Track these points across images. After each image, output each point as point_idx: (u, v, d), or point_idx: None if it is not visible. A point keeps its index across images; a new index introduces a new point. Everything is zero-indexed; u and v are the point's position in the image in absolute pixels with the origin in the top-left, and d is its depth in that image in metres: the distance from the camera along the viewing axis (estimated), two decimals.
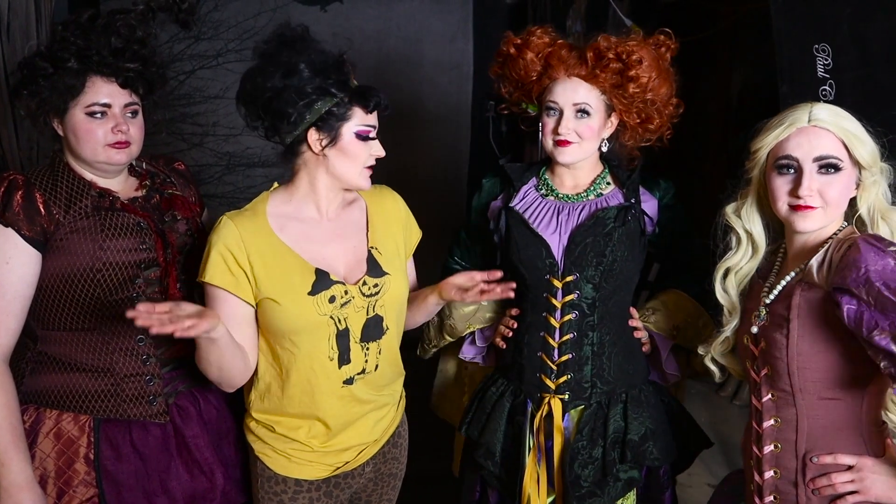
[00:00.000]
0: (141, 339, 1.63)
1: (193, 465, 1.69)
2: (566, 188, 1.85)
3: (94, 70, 1.58)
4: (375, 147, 1.61)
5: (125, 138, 1.60)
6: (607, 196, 1.82)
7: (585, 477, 1.75)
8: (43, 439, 1.60)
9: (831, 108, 1.38)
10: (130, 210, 1.64)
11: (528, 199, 1.87)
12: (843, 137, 1.35)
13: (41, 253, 1.56)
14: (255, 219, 1.58)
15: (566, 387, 1.78)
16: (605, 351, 1.78)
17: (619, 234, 1.75)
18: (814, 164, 1.35)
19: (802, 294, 1.35)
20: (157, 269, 1.64)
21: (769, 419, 1.42)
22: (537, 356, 1.80)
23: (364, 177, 1.61)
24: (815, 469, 1.37)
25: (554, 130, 1.76)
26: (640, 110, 1.78)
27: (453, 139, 4.44)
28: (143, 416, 1.64)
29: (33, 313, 1.62)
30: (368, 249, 1.65)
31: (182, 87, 4.07)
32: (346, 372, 1.59)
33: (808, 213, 1.36)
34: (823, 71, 1.73)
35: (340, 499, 1.70)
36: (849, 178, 1.37)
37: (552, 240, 1.78)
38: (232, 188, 4.27)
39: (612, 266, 1.75)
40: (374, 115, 1.59)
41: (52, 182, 1.60)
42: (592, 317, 1.77)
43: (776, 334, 1.38)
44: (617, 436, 1.77)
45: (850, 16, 1.68)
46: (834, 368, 1.34)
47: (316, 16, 4.15)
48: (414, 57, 4.24)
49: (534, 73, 1.80)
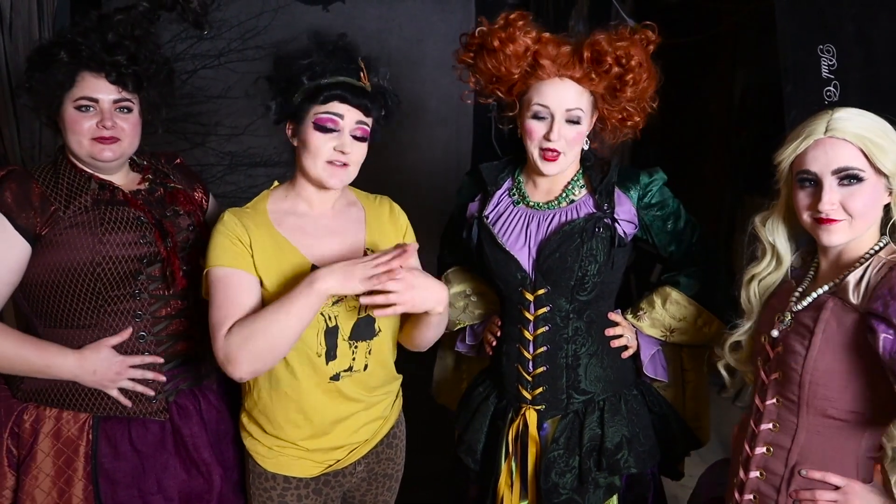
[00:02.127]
0: (142, 336, 1.63)
1: (191, 465, 1.69)
2: (539, 194, 1.78)
3: (84, 65, 1.59)
4: (343, 140, 1.54)
5: (110, 134, 1.60)
6: (578, 203, 1.73)
7: (564, 484, 1.72)
8: (44, 439, 1.60)
9: (852, 114, 1.33)
10: (132, 202, 1.64)
11: (501, 206, 1.81)
12: (862, 146, 1.30)
13: (30, 245, 1.56)
14: (256, 215, 1.60)
15: (542, 398, 1.76)
16: (580, 363, 1.75)
17: (587, 247, 1.67)
18: (833, 176, 1.31)
19: (833, 310, 1.32)
20: (159, 265, 1.64)
21: (768, 422, 1.41)
22: (514, 367, 1.78)
23: (328, 172, 1.56)
24: (802, 482, 1.37)
25: (545, 137, 1.65)
26: (624, 109, 1.71)
27: (455, 139, 4.42)
28: (143, 413, 1.64)
29: (34, 310, 1.62)
30: (365, 251, 1.65)
31: (184, 87, 4.07)
32: (332, 368, 1.60)
33: (832, 226, 1.32)
34: (828, 71, 1.73)
35: (331, 496, 1.70)
36: (873, 188, 1.32)
37: (521, 254, 1.73)
38: (234, 188, 4.26)
39: (584, 280, 1.69)
40: (341, 106, 1.53)
41: (53, 177, 1.61)
42: (566, 329, 1.73)
43: (796, 343, 1.36)
44: (593, 444, 1.74)
45: (854, 16, 1.68)
46: (849, 392, 1.31)
47: (318, 15, 4.14)
48: (416, 57, 4.23)
49: (516, 71, 1.65)
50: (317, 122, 1.54)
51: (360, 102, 1.55)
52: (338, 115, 1.54)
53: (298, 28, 4.10)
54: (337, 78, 1.55)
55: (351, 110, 1.55)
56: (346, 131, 1.56)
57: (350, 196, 1.73)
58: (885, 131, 1.32)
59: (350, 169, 1.58)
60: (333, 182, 1.57)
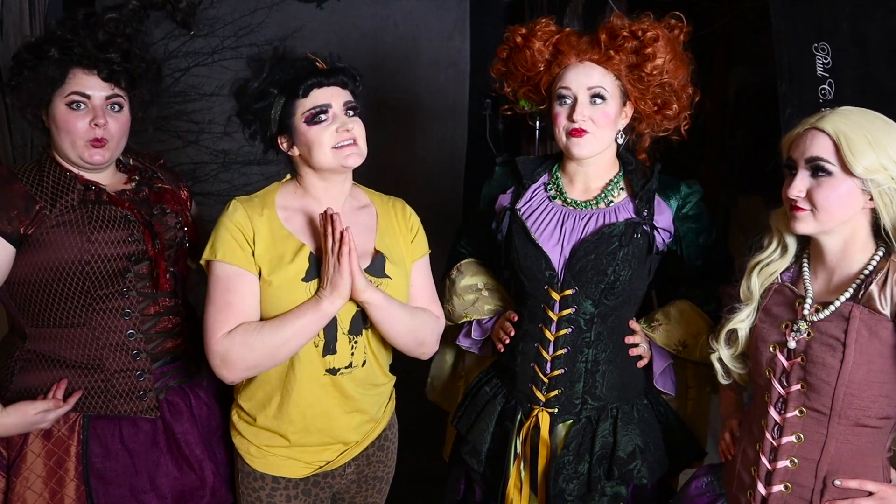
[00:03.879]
0: (131, 333, 1.62)
1: (183, 462, 1.69)
2: (576, 192, 1.76)
3: (76, 62, 1.58)
4: (340, 121, 1.55)
5: (102, 135, 1.59)
6: (618, 206, 1.72)
7: (570, 491, 1.70)
8: (34, 440, 1.59)
9: (849, 112, 1.33)
10: (117, 202, 1.64)
11: (535, 200, 1.79)
12: (836, 141, 1.30)
13: (13, 247, 1.55)
14: (264, 207, 1.60)
15: (556, 401, 1.73)
16: (598, 368, 1.72)
17: (624, 252, 1.65)
18: (806, 165, 1.33)
19: (862, 319, 1.31)
20: (147, 262, 1.64)
21: (791, 435, 1.38)
22: (530, 366, 1.75)
23: (340, 156, 1.56)
24: (836, 492, 1.35)
25: (568, 118, 1.66)
26: (657, 95, 1.70)
27: (450, 137, 4.42)
28: (134, 411, 1.63)
29: (22, 310, 1.61)
30: (375, 250, 1.64)
31: (177, 85, 4.05)
32: (329, 361, 1.59)
33: (798, 213, 1.35)
34: (823, 70, 1.72)
35: (321, 497, 1.70)
36: (842, 184, 1.31)
37: (553, 252, 1.71)
38: (228, 186, 4.25)
39: (614, 285, 1.67)
40: (321, 93, 1.55)
41: (38, 176, 1.60)
42: (589, 333, 1.71)
43: (826, 356, 1.33)
44: (604, 452, 1.71)
45: (849, 14, 1.67)
46: (885, 399, 1.31)
47: (312, 13, 4.13)
48: (411, 55, 4.23)
49: (542, 63, 1.71)
50: (307, 117, 1.54)
51: (336, 80, 1.57)
52: (325, 105, 1.54)
53: (292, 25, 4.10)
54: (301, 71, 1.56)
55: (335, 94, 1.56)
56: (339, 112, 1.56)
57: (363, 198, 1.72)
58: (877, 136, 1.29)
59: (360, 145, 1.58)
60: (351, 161, 1.56)
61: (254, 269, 1.55)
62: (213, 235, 1.57)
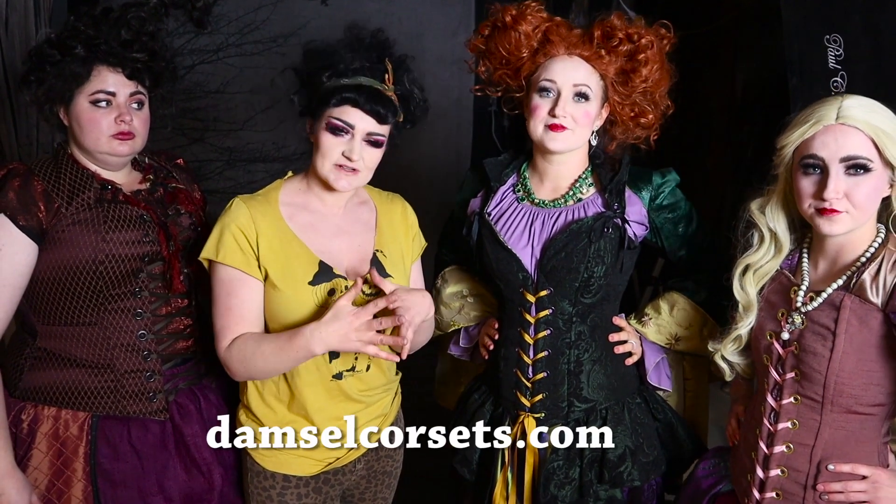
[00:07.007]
0: (142, 334, 1.62)
1: (191, 465, 1.68)
2: (545, 191, 1.72)
3: (101, 59, 1.58)
4: (350, 147, 1.52)
5: (128, 129, 1.59)
6: (587, 201, 1.67)
7: (563, 497, 1.66)
8: (41, 439, 1.58)
9: (864, 102, 1.30)
10: (133, 202, 1.63)
11: (505, 203, 1.75)
12: (873, 136, 1.27)
13: (37, 244, 1.54)
14: (267, 205, 1.58)
15: (541, 406, 1.69)
16: (582, 369, 1.67)
17: (595, 248, 1.61)
18: (840, 164, 1.29)
19: (853, 308, 1.30)
20: (160, 263, 1.63)
21: (786, 421, 1.39)
22: (512, 372, 1.71)
23: (335, 175, 1.54)
24: (830, 476, 1.35)
25: (550, 113, 1.61)
26: (636, 104, 1.67)
27: (455, 134, 4.42)
28: (143, 413, 1.62)
29: (33, 308, 1.61)
30: (374, 250, 1.63)
31: (182, 82, 4.06)
32: (336, 366, 1.58)
33: (834, 216, 1.30)
34: (835, 62, 1.70)
35: (331, 495, 1.69)
36: (879, 180, 1.29)
37: (524, 253, 1.66)
38: (233, 183, 4.25)
39: (589, 282, 1.62)
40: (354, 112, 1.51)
41: (55, 173, 1.59)
42: (569, 334, 1.66)
43: (817, 345, 1.33)
44: (594, 455, 1.66)
45: (862, 5, 1.65)
46: (874, 387, 1.30)
47: (317, 9, 4.13)
48: (415, 51, 4.21)
49: (526, 49, 1.63)
50: (329, 124, 1.52)
51: (373, 109, 1.52)
52: (348, 125, 1.51)
53: (296, 22, 4.09)
54: (357, 79, 1.52)
55: (364, 118, 1.52)
56: (358, 138, 1.53)
57: (363, 194, 1.71)
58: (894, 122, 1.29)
59: (361, 174, 1.56)
60: (340, 185, 1.55)
61: (256, 273, 1.53)
62: (214, 233, 1.55)
